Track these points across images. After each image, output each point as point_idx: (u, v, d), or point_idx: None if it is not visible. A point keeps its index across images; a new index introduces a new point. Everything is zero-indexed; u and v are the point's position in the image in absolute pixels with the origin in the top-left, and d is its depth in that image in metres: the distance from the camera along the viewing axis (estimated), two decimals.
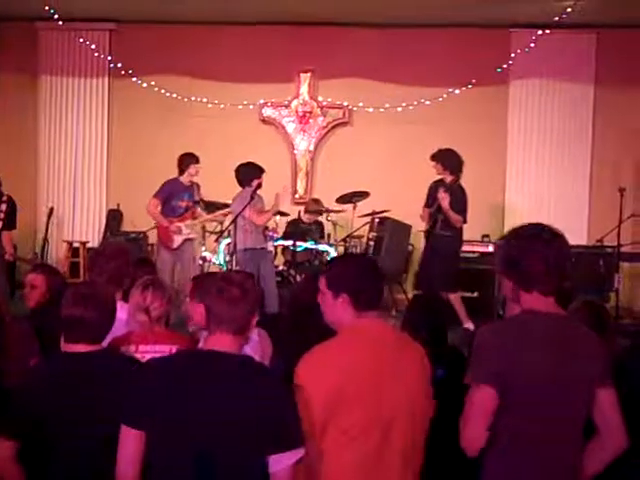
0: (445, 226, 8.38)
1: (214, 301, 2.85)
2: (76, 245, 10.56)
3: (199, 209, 9.03)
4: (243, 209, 8.25)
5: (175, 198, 8.76)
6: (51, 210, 10.59)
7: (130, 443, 2.71)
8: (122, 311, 3.87)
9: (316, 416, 2.73)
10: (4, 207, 8.73)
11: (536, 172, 10.84)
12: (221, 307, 2.82)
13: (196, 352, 2.90)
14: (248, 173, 8.47)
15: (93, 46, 11.16)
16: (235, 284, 2.87)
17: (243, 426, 2.66)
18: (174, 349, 3.74)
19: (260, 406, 2.67)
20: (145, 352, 3.75)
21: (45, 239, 10.48)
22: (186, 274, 8.20)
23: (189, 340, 4.03)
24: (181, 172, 8.82)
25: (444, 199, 8.23)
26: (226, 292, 2.84)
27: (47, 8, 10.22)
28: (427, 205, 8.65)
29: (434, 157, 8.54)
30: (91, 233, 11.17)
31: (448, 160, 8.49)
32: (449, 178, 8.49)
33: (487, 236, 10.05)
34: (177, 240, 8.67)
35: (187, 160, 8.80)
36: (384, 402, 2.79)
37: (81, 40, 11.14)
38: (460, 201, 8.39)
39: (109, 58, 11.22)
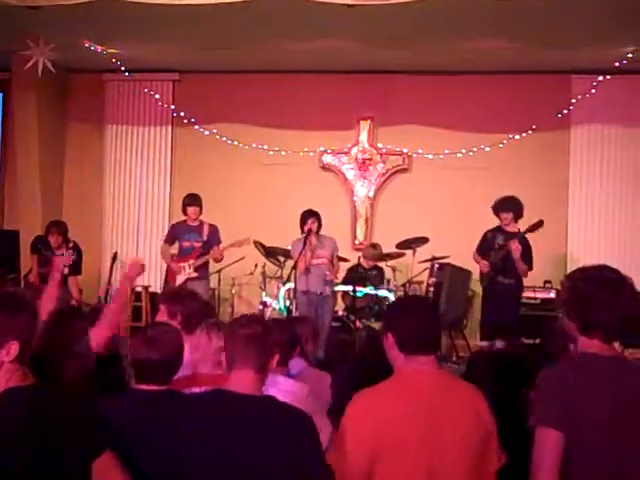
0: (510, 274, 8.34)
1: (231, 340, 2.91)
2: (138, 289, 10.70)
3: (217, 248, 8.93)
4: (299, 255, 8.44)
5: (180, 239, 8.99)
6: (115, 255, 10.78)
7: None
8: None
9: (358, 460, 2.72)
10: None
11: (599, 218, 10.70)
12: (237, 346, 2.88)
13: (220, 393, 2.92)
14: (301, 219, 8.67)
15: (157, 96, 11.43)
16: (249, 323, 2.92)
17: (264, 467, 2.68)
18: None
19: (280, 445, 2.70)
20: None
21: (109, 283, 10.66)
22: None
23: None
24: (183, 213, 9.05)
25: (517, 250, 8.20)
26: (241, 330, 2.90)
27: (114, 60, 10.55)
28: (479, 251, 8.60)
29: (507, 207, 8.48)
30: (153, 278, 11.31)
31: (519, 209, 8.49)
32: (512, 226, 8.46)
33: (549, 282, 9.93)
34: (179, 279, 8.82)
35: (184, 202, 9.03)
36: (429, 452, 2.75)
37: (146, 90, 11.43)
38: (530, 251, 8.39)
39: (172, 107, 11.48)
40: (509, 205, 8.53)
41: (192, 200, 8.95)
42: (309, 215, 8.67)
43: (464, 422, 2.84)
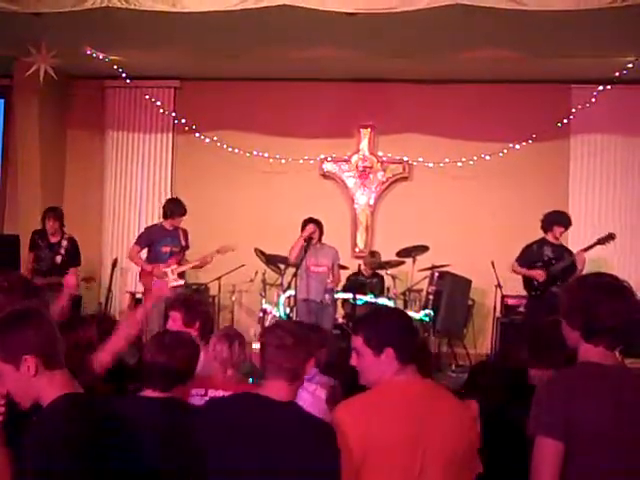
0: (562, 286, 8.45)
1: (267, 348, 2.92)
2: (139, 296, 10.70)
3: (207, 255, 8.97)
4: (301, 261, 8.44)
5: (157, 244, 8.78)
6: (115, 261, 10.78)
7: None
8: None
9: (350, 463, 2.72)
10: (65, 243, 9.06)
11: (599, 227, 10.68)
12: (273, 354, 2.89)
13: (248, 397, 2.95)
14: (302, 227, 8.66)
15: (158, 103, 11.44)
16: (288, 331, 2.94)
17: (283, 474, 2.71)
18: None
19: (302, 457, 2.71)
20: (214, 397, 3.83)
21: (109, 290, 10.65)
22: None
23: (254, 387, 4.10)
24: (165, 217, 8.94)
25: (583, 262, 8.45)
26: (279, 339, 2.90)
27: (115, 67, 10.57)
28: (522, 262, 8.62)
29: (566, 223, 8.79)
30: None
31: (570, 224, 8.88)
32: (555, 240, 8.69)
33: None
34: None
35: (171, 208, 8.91)
36: (415, 459, 2.76)
37: (147, 97, 11.45)
38: None
39: (173, 114, 11.49)
40: (565, 220, 8.81)
41: (182, 209, 8.88)
42: (306, 223, 8.69)
43: (449, 430, 2.84)
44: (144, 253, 9.07)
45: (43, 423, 2.42)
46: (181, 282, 8.70)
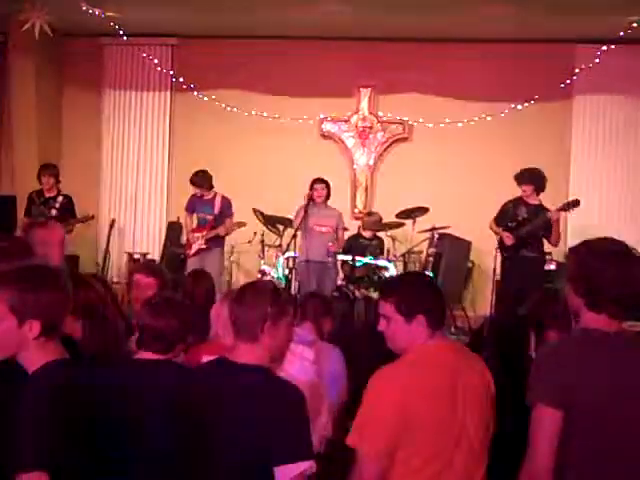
0: (533, 248, 8.30)
1: (231, 307, 2.91)
2: (137, 256, 10.68)
3: (228, 220, 9.09)
4: (300, 223, 8.43)
5: (197, 211, 9.18)
6: (113, 222, 10.73)
7: None
8: None
9: (384, 438, 2.70)
10: (60, 199, 9.11)
11: (601, 188, 10.66)
12: (232, 308, 2.88)
13: (215, 364, 2.94)
14: (310, 186, 8.63)
15: (156, 61, 11.31)
16: (248, 288, 2.92)
17: (245, 438, 2.66)
18: None
19: (262, 418, 2.66)
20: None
21: (107, 250, 10.62)
22: None
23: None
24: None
25: (558, 221, 8.14)
26: (240, 294, 2.89)
27: (112, 24, 10.40)
28: (498, 222, 8.49)
29: (527, 180, 8.28)
30: (151, 245, 11.30)
31: (540, 182, 8.32)
32: (534, 199, 8.33)
33: (549, 254, 9.86)
34: (193, 248, 9.03)
35: (193, 180, 9.16)
36: (455, 423, 2.76)
37: (144, 55, 11.30)
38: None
39: (171, 72, 11.36)
40: (530, 177, 8.32)
41: (207, 183, 9.06)
42: (318, 182, 8.67)
43: (480, 390, 2.86)
44: None
45: (31, 390, 2.33)
46: (204, 246, 9.00)
